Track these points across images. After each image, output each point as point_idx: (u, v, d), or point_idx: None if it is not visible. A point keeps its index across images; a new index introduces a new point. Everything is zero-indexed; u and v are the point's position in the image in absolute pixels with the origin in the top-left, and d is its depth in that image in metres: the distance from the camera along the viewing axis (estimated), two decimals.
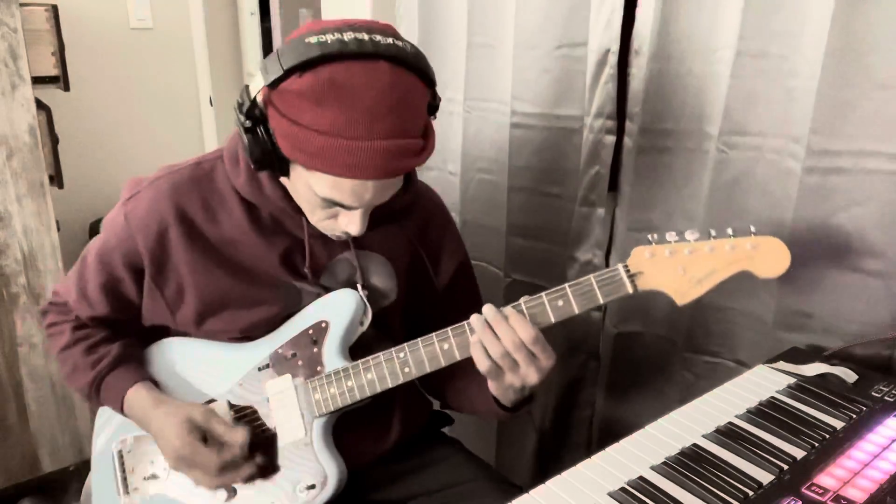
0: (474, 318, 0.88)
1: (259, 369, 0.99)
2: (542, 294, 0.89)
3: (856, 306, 1.02)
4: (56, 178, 1.71)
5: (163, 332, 1.05)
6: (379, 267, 1.03)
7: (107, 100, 2.57)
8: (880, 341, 1.00)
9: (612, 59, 1.22)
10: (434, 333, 0.92)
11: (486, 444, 1.65)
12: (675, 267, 0.86)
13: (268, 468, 0.97)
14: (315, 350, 0.97)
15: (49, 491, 1.87)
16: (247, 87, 0.84)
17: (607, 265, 1.37)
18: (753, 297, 1.14)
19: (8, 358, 1.65)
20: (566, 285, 0.88)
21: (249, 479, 0.96)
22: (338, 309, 0.97)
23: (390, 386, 0.94)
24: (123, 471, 1.03)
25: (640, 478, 0.77)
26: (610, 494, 0.75)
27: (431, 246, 1.08)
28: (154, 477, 1.02)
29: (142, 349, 1.05)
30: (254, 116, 0.82)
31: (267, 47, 2.82)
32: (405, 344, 0.93)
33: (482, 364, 0.88)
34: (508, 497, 0.76)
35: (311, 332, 0.97)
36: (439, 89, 0.89)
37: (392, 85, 0.80)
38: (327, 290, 0.99)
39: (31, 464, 1.76)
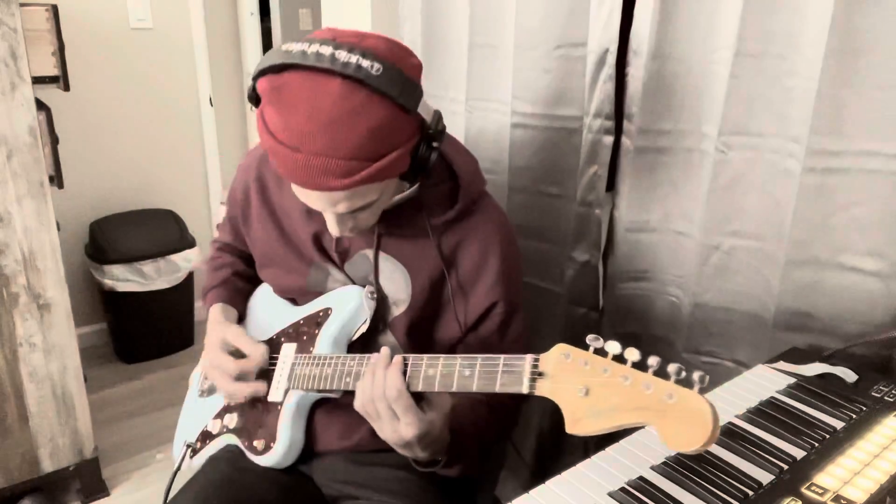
0: (372, 356, 0.90)
1: (284, 332, 1.09)
2: (458, 357, 0.83)
3: (856, 306, 1.02)
4: (56, 178, 1.70)
5: None
6: (395, 273, 1.02)
7: (107, 100, 2.58)
8: (880, 341, 1.00)
9: (611, 58, 1.22)
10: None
11: None
12: (580, 385, 0.71)
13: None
14: (315, 332, 1.04)
15: (49, 491, 1.87)
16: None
17: (604, 265, 1.37)
18: (753, 298, 1.14)
19: (8, 358, 1.65)
20: (479, 358, 0.81)
21: (256, 396, 1.04)
22: (342, 302, 1.04)
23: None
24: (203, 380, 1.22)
25: (640, 478, 0.77)
26: (610, 494, 0.75)
27: (462, 276, 1.02)
28: (206, 391, 1.19)
29: (245, 279, 1.23)
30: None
31: (267, 47, 2.83)
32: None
33: (355, 401, 0.89)
34: None
35: (320, 314, 1.05)
36: (443, 89, 0.88)
37: (335, 103, 0.79)
38: (351, 279, 1.05)
39: (31, 464, 1.76)
